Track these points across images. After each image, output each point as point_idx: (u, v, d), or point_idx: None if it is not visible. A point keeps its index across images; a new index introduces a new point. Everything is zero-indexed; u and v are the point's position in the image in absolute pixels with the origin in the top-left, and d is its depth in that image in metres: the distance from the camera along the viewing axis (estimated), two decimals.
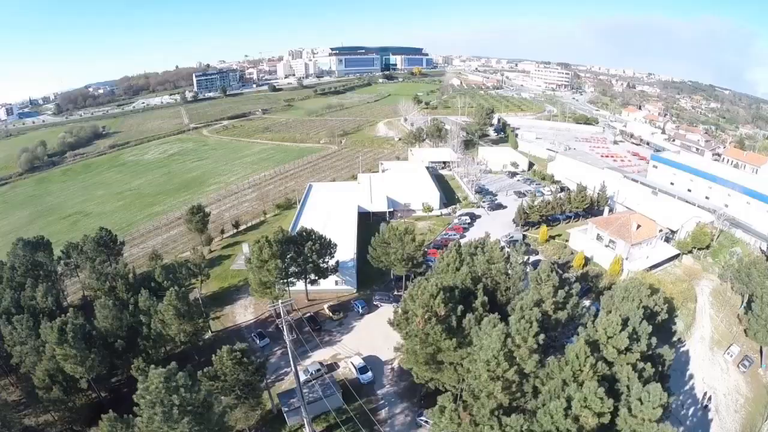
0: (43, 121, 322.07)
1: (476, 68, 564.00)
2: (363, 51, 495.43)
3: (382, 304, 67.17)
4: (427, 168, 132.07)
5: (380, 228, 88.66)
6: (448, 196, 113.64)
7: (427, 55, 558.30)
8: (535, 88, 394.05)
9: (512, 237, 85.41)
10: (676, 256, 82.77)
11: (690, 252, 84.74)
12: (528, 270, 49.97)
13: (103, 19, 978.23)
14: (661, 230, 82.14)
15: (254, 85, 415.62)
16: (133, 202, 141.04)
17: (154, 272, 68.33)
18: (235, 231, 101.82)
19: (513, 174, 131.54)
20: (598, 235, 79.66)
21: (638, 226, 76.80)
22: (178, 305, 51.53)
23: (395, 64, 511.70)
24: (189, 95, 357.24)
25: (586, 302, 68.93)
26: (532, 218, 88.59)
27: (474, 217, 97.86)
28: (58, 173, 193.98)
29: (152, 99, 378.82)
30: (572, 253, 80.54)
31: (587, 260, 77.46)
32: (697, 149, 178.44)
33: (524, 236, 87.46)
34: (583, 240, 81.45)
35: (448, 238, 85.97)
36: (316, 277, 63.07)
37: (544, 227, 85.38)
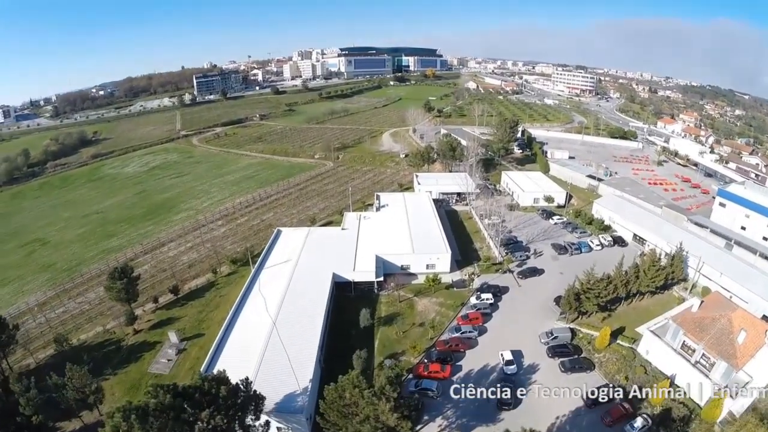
0: (38, 124, 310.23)
1: (492, 70, 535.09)
2: (374, 52, 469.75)
3: None
4: (437, 201, 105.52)
5: (361, 314, 62.84)
6: (464, 250, 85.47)
7: (441, 56, 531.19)
8: (557, 93, 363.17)
9: (554, 336, 57.41)
10: None
11: None
12: None
13: (116, 17, 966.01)
14: None
15: (257, 88, 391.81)
16: (95, 229, 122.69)
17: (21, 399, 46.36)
18: (173, 297, 75.51)
19: (549, 214, 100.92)
20: (684, 343, 51.98)
21: (745, 333, 48.97)
22: None
23: (408, 66, 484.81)
24: (187, 98, 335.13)
25: None
26: (586, 306, 59.97)
27: (499, 292, 69.38)
28: (35, 186, 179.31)
29: (151, 102, 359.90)
30: (646, 372, 52.25)
31: (672, 384, 49.85)
32: (757, 175, 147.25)
33: (573, 333, 59.23)
34: (662, 349, 52.95)
35: (459, 338, 58.34)
36: None
37: (606, 329, 55.87)
